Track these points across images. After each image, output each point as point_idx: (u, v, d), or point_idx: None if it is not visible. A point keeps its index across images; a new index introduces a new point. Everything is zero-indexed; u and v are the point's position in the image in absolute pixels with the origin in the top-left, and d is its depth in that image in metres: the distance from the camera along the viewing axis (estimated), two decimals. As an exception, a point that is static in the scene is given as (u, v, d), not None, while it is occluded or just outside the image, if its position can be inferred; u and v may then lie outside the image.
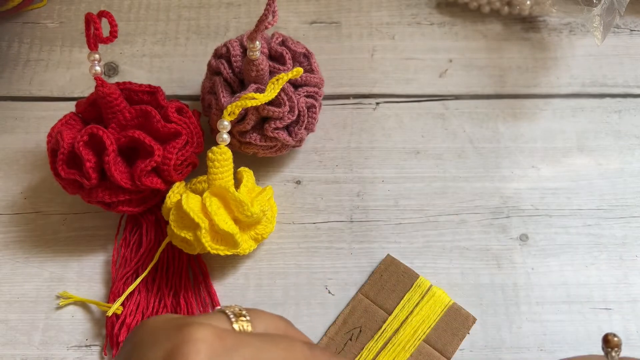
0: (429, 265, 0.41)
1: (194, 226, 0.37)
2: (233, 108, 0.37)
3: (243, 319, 0.26)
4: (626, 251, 0.42)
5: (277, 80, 0.38)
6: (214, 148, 0.38)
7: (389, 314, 0.39)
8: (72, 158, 0.38)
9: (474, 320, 0.39)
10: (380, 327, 0.38)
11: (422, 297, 0.39)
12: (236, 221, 0.38)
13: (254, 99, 0.37)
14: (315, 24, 0.51)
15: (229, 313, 0.26)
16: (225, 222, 0.37)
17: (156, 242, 0.41)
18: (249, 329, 0.25)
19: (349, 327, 0.39)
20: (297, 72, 0.39)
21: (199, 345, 0.22)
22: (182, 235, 0.37)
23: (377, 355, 0.37)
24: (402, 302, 0.39)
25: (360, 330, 0.38)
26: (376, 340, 0.37)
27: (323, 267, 0.41)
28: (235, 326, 0.25)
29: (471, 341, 0.39)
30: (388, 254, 0.41)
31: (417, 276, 0.40)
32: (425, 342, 0.38)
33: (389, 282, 0.40)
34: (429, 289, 0.39)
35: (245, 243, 0.39)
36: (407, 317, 0.38)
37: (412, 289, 0.39)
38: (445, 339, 0.38)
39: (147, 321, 0.25)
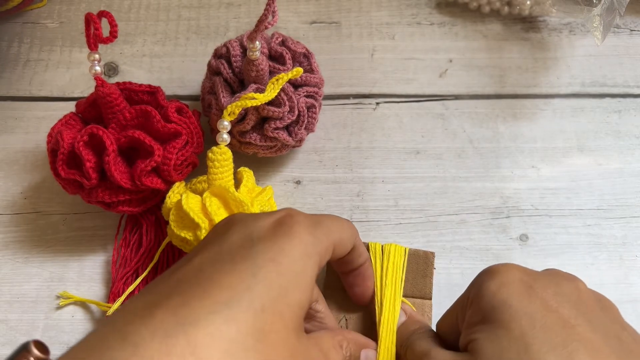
0: (429, 265, 0.41)
1: (194, 226, 0.37)
2: (233, 108, 0.37)
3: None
4: (626, 251, 0.42)
5: (277, 80, 0.38)
6: (214, 148, 0.38)
7: None
8: (72, 158, 0.38)
9: (433, 254, 0.39)
10: (361, 306, 0.38)
11: (382, 259, 0.38)
12: None
13: (254, 99, 0.37)
14: (315, 24, 0.51)
15: None
16: None
17: (156, 242, 0.41)
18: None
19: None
20: (297, 72, 0.39)
21: (300, 216, 0.29)
22: (182, 235, 0.37)
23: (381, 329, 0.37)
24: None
25: (346, 319, 0.38)
26: (378, 318, 0.36)
27: (323, 267, 0.41)
28: None
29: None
30: None
31: (366, 244, 0.38)
32: (404, 296, 0.38)
33: None
34: (383, 249, 0.38)
35: None
36: (381, 282, 0.37)
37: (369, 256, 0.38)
38: (419, 284, 0.38)
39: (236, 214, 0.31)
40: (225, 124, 0.38)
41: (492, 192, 0.44)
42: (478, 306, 0.28)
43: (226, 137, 0.38)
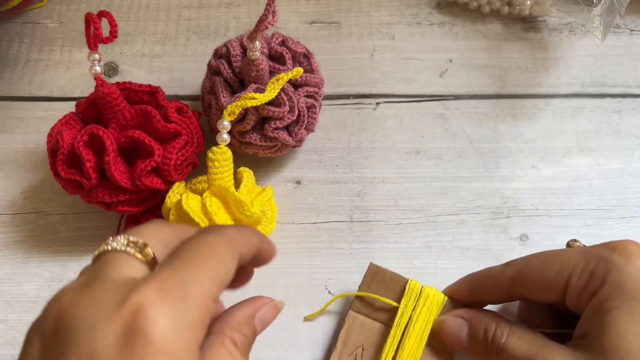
0: (429, 265, 0.41)
1: (195, 226, 0.37)
2: (233, 108, 0.37)
3: (137, 248, 0.23)
4: (626, 251, 0.42)
5: (277, 80, 0.38)
6: (214, 148, 0.38)
7: (387, 325, 0.37)
8: (72, 158, 0.38)
9: None
10: (382, 339, 0.36)
11: (417, 300, 0.36)
12: (236, 221, 0.38)
13: (254, 99, 0.37)
14: (315, 24, 0.51)
15: (123, 248, 0.23)
16: (225, 223, 0.37)
17: (156, 242, 0.41)
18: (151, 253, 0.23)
19: (350, 349, 0.36)
20: (297, 72, 0.39)
21: (154, 310, 0.20)
22: None
23: None
24: (400, 309, 0.36)
25: (363, 349, 0.36)
26: (385, 357, 0.35)
27: (323, 267, 0.41)
28: (141, 257, 0.23)
29: (471, 341, 0.39)
30: (371, 263, 0.38)
31: (406, 280, 0.37)
32: (428, 345, 0.36)
33: (379, 293, 0.37)
34: (421, 291, 0.36)
35: None
36: (407, 324, 0.36)
37: (405, 294, 0.36)
38: None
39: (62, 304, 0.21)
40: (225, 124, 0.38)
41: (492, 192, 0.44)
42: (614, 285, 0.29)
43: (226, 137, 0.38)
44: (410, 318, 0.36)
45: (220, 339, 0.25)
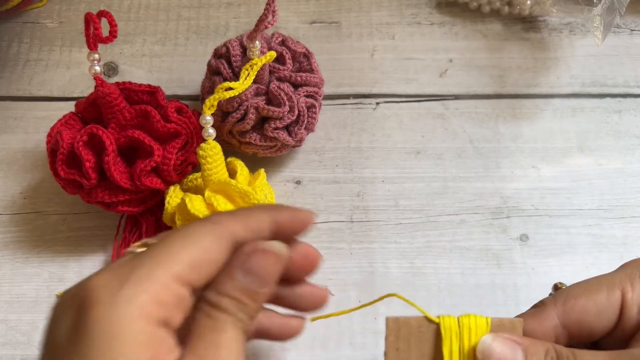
0: (429, 265, 0.41)
1: None
2: (211, 101, 0.37)
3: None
4: (626, 251, 0.42)
5: (251, 66, 0.38)
6: (203, 145, 0.37)
7: None
8: (72, 158, 0.38)
9: (521, 322, 0.29)
10: None
11: (461, 338, 0.29)
12: None
13: (230, 88, 0.37)
14: (315, 24, 0.51)
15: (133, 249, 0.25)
16: None
17: (156, 242, 0.41)
18: None
19: None
20: (271, 56, 0.38)
21: (95, 294, 0.22)
22: None
23: None
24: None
25: None
26: None
27: (323, 267, 0.41)
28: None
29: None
30: (386, 318, 0.29)
31: (437, 321, 0.29)
32: None
33: (412, 350, 0.29)
34: (459, 324, 0.29)
35: None
36: None
37: (444, 339, 0.29)
38: None
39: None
40: (208, 118, 0.37)
41: (492, 192, 0.44)
42: None
43: (212, 131, 0.37)
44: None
45: (200, 306, 0.24)
